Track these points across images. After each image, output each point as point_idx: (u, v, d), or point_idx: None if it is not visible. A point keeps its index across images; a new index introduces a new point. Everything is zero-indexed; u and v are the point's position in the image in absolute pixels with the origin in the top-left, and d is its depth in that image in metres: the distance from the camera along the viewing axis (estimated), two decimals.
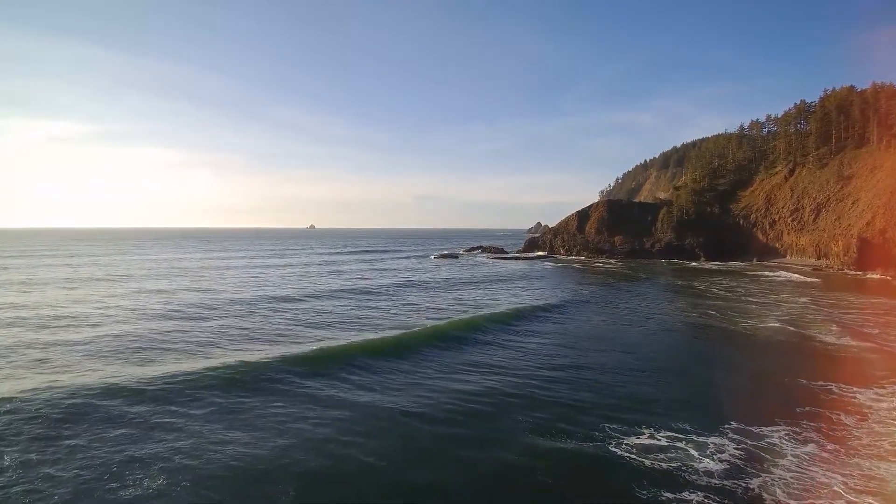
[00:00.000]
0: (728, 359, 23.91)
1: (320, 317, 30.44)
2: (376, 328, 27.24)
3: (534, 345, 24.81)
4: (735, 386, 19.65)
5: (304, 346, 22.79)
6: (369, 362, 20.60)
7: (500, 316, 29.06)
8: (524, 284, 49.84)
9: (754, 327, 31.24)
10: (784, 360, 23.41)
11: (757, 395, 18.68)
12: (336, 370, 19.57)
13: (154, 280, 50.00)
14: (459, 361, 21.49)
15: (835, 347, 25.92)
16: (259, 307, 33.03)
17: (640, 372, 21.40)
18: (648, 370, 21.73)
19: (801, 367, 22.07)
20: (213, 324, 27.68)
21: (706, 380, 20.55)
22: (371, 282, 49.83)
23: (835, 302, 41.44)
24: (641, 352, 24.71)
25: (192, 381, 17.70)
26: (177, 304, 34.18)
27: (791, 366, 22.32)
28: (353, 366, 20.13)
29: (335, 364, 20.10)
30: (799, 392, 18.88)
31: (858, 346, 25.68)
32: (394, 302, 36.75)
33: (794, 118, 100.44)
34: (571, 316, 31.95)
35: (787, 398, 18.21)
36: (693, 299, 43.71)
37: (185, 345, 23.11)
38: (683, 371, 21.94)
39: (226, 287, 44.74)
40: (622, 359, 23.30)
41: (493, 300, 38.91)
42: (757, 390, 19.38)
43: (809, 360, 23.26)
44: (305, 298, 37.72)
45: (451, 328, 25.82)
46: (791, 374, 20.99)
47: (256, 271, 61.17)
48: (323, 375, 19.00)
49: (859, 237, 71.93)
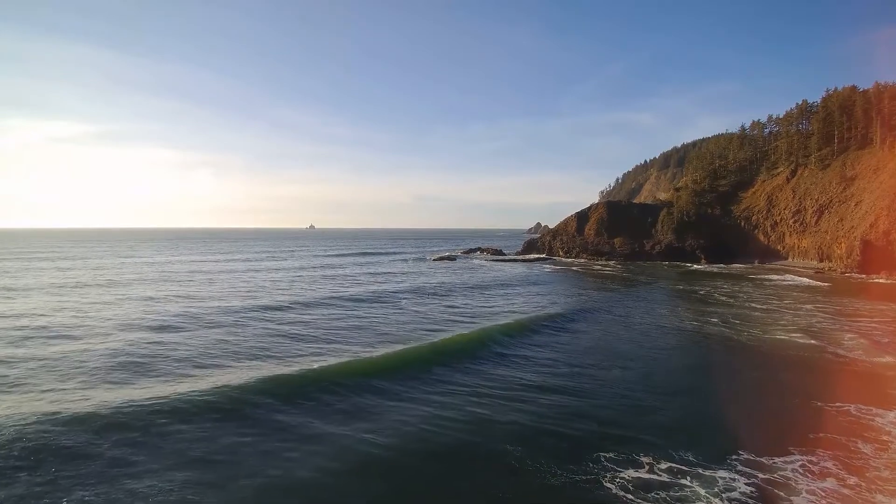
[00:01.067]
0: (732, 375, 22.67)
1: (307, 329, 29.16)
2: (364, 343, 25.87)
3: (526, 363, 23.41)
4: (742, 407, 18.42)
5: (287, 366, 21.39)
6: (352, 386, 19.24)
7: (493, 332, 27.31)
8: (521, 291, 48.58)
9: (759, 338, 30.04)
10: (794, 377, 22.19)
11: (766, 419, 17.47)
12: (318, 395, 18.19)
13: (141, 286, 48.70)
14: (447, 383, 20.09)
15: (848, 361, 24.66)
16: (244, 318, 31.71)
17: (639, 391, 20.15)
18: (647, 389, 20.49)
19: (812, 384, 20.87)
20: (193, 338, 26.34)
21: (710, 400, 19.34)
22: (364, 288, 48.54)
23: (841, 308, 40.28)
24: (640, 368, 23.43)
25: (160, 409, 16.41)
26: (159, 314, 32.87)
27: (802, 383, 21.11)
28: (334, 391, 18.66)
29: (317, 388, 18.67)
30: (812, 414, 17.67)
31: (873, 362, 24.43)
32: (386, 311, 35.46)
33: (795, 118, 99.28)
34: (567, 328, 30.59)
35: (799, 422, 17.01)
36: (694, 306, 42.53)
37: (161, 363, 21.72)
38: (685, 390, 20.71)
39: (213, 294, 43.45)
40: (619, 376, 22.00)
41: (488, 309, 37.62)
42: (766, 412, 18.15)
43: (822, 377, 22.00)
44: (294, 307, 36.41)
45: (440, 348, 24.12)
46: (802, 392, 19.80)
47: (248, 276, 59.83)
48: (304, 402, 17.60)
49: (862, 239, 70.83)
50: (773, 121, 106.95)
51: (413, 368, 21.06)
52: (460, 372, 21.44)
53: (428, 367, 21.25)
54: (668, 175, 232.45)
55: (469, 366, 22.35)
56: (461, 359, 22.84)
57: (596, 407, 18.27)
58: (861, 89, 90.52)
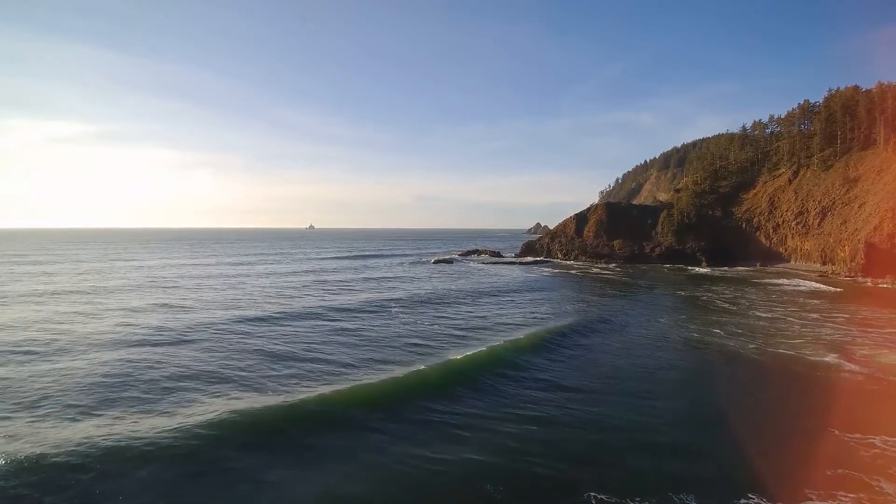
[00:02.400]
0: (739, 397, 21.03)
1: (290, 345, 27.42)
2: (348, 365, 23.86)
3: (515, 392, 21.18)
4: (751, 437, 16.81)
5: (260, 394, 19.58)
6: (331, 422, 17.38)
7: (484, 359, 24.56)
8: (517, 299, 46.85)
9: (763, 351, 28.55)
10: (806, 399, 20.63)
11: (779, 452, 15.91)
12: (292, 435, 16.38)
13: (123, 294, 47.00)
14: (431, 419, 18.12)
15: (863, 380, 23.04)
16: (224, 333, 30.01)
17: (638, 421, 18.49)
18: (646, 416, 18.86)
19: (826, 408, 19.29)
20: (165, 358, 24.51)
21: (714, 429, 17.77)
22: (356, 296, 46.85)
23: (849, 317, 38.80)
24: (638, 392, 21.62)
25: (111, 451, 14.73)
26: (137, 328, 31.20)
27: (815, 407, 19.52)
28: (309, 429, 16.70)
29: (291, 426, 16.79)
30: (830, 447, 16.14)
31: (891, 381, 22.92)
32: (375, 325, 33.69)
33: (797, 118, 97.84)
34: (561, 346, 28.55)
35: (816, 456, 15.48)
36: (695, 314, 41.04)
37: (124, 392, 19.87)
38: (687, 417, 19.13)
39: (197, 303, 41.78)
40: (616, 402, 20.27)
41: (483, 321, 35.85)
42: (778, 444, 16.56)
43: (835, 399, 20.40)
44: (279, 319, 34.75)
45: (426, 378, 21.42)
46: (817, 418, 18.26)
47: (237, 281, 58.20)
48: (275, 443, 15.80)
49: (866, 242, 69.37)
50: (775, 121, 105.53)
51: (393, 403, 18.94)
52: (447, 405, 19.21)
53: (408, 402, 18.99)
54: (668, 175, 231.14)
55: (457, 396, 20.14)
56: (449, 391, 20.24)
57: (587, 441, 16.69)
58: (864, 89, 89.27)
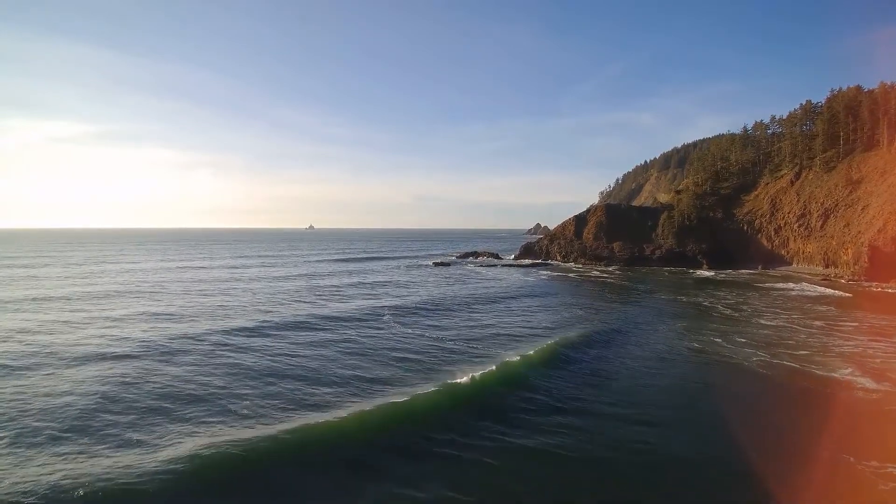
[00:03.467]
0: (744, 421, 19.52)
1: (273, 361, 25.88)
2: (332, 390, 21.81)
3: (524, 420, 19.29)
4: (759, 470, 15.54)
5: (231, 427, 17.78)
6: (314, 466, 15.51)
7: (473, 390, 21.64)
8: (514, 307, 45.22)
9: (768, 364, 27.39)
10: (815, 420, 19.38)
11: (787, 484, 14.69)
12: (274, 478, 14.85)
13: (110, 301, 45.58)
14: (436, 452, 16.55)
15: (879, 398, 21.72)
16: (207, 347, 28.42)
17: (643, 449, 17.25)
18: (650, 444, 17.63)
19: (839, 431, 18.12)
20: (141, 378, 22.57)
21: (721, 459, 16.56)
22: (348, 304, 45.37)
23: (857, 325, 37.67)
24: (641, 417, 20.14)
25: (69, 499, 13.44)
26: (116, 341, 29.71)
27: (826, 430, 18.27)
28: (284, 481, 14.78)
29: (268, 470, 15.04)
30: (845, 478, 14.97)
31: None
32: (365, 337, 31.96)
33: (799, 119, 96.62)
34: (559, 365, 26.14)
35: (831, 488, 14.34)
36: (697, 322, 39.84)
37: (91, 419, 18.24)
38: (687, 443, 17.85)
39: (184, 311, 40.45)
40: (615, 428, 18.89)
41: (478, 332, 34.28)
42: (788, 476, 15.24)
43: (848, 421, 19.18)
44: (266, 330, 33.32)
45: (427, 403, 19.71)
46: (828, 443, 17.08)
47: (228, 286, 56.90)
48: (247, 489, 14.33)
49: (870, 245, 68.26)
50: (777, 121, 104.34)
51: (396, 433, 17.46)
52: (428, 449, 16.93)
53: (412, 430, 17.49)
54: (668, 176, 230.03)
55: (439, 440, 17.58)
56: (431, 430, 18.00)
57: (578, 477, 15.49)
58: (866, 89, 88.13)
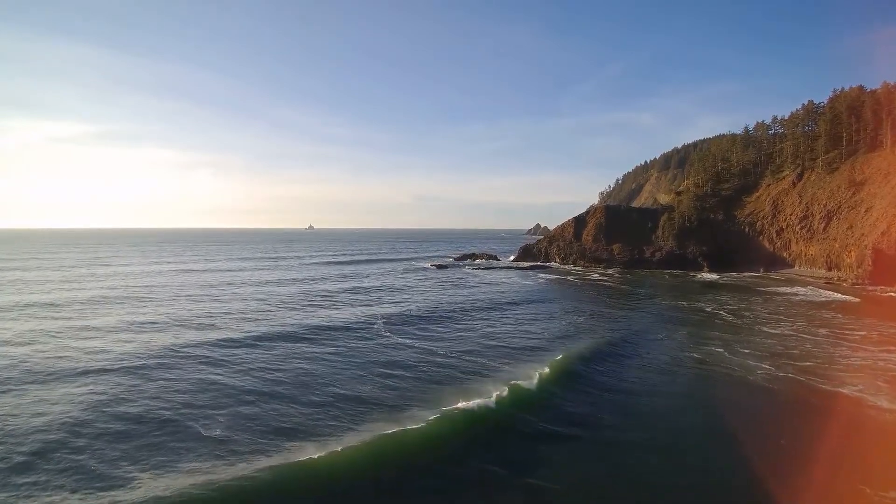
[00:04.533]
0: (751, 445, 18.10)
1: (252, 380, 24.15)
2: (317, 417, 19.85)
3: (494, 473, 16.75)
4: (764, 498, 14.38)
5: (214, 463, 16.00)
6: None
7: (478, 418, 19.61)
8: (512, 314, 43.52)
9: (773, 378, 26.22)
10: (826, 443, 18.11)
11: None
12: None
13: (95, 308, 43.65)
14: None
15: (893, 419, 20.43)
16: (188, 362, 27.05)
17: (652, 478, 16.12)
18: (650, 472, 16.50)
19: (852, 456, 16.94)
20: (117, 395, 21.32)
21: (730, 489, 15.37)
22: (339, 311, 43.61)
23: (865, 333, 36.44)
24: (642, 435, 19.28)
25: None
26: (94, 354, 28.12)
27: (838, 455, 17.05)
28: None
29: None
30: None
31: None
32: (349, 350, 30.42)
33: (801, 119, 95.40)
34: (564, 382, 24.63)
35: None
36: (699, 331, 38.62)
37: (51, 454, 16.56)
38: (697, 470, 16.71)
39: (168, 319, 38.76)
40: (616, 455, 17.80)
41: (474, 348, 31.92)
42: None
43: (861, 444, 17.95)
44: (249, 342, 31.69)
45: (423, 437, 17.76)
46: (841, 470, 15.89)
47: (218, 291, 55.47)
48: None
49: (874, 248, 67.05)
50: (778, 122, 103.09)
51: (390, 475, 15.61)
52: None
53: (411, 469, 15.84)
54: (668, 176, 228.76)
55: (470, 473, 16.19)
56: (455, 456, 16.66)
57: None
58: (869, 89, 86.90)
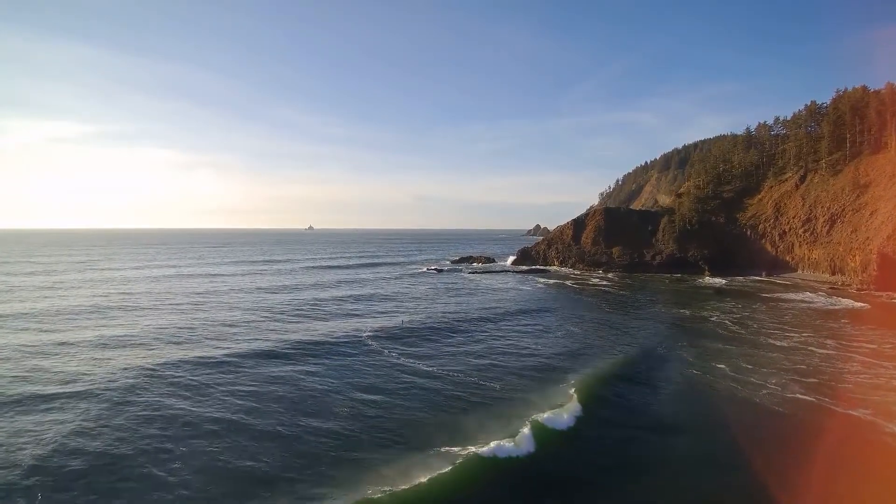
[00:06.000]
0: (761, 479, 16.65)
1: (219, 408, 22.31)
2: (269, 470, 17.30)
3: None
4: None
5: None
6: None
7: (480, 476, 16.87)
8: (507, 328, 41.38)
9: (780, 399, 24.66)
10: (842, 478, 16.53)
11: None
12: None
13: (70, 322, 41.58)
14: None
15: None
16: (153, 386, 25.11)
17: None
18: None
19: (871, 494, 15.21)
20: (67, 432, 19.44)
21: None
22: (324, 325, 40.98)
23: (876, 347, 34.75)
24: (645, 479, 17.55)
25: None
26: (55, 377, 26.26)
27: (858, 492, 15.42)
28: None
29: None
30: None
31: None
32: (333, 371, 28.20)
33: (804, 120, 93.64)
34: (571, 418, 22.28)
35: None
36: (702, 343, 36.97)
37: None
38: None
39: (142, 334, 37.03)
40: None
41: (472, 368, 29.47)
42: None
43: (881, 481, 16.32)
44: (222, 362, 29.46)
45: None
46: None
47: (202, 300, 53.58)
48: None
49: (879, 252, 65.33)
50: (780, 123, 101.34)
51: None
52: None
53: None
54: (668, 177, 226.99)
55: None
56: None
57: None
58: (872, 89, 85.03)
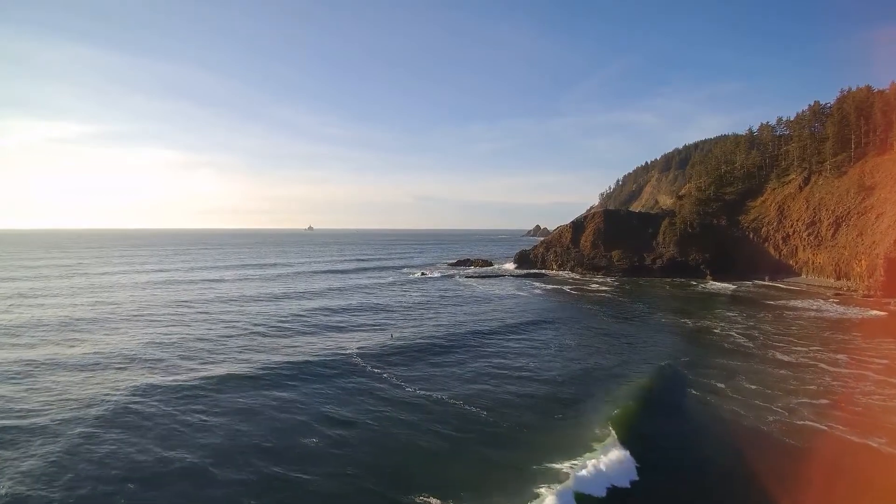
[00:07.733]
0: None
1: (174, 445, 20.10)
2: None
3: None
4: None
5: None
6: None
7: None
8: (501, 345, 38.62)
9: (789, 427, 22.83)
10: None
11: None
12: None
13: (42, 335, 39.49)
14: None
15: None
16: (104, 417, 22.87)
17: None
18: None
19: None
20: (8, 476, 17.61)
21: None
22: (310, 342, 38.07)
23: (888, 363, 32.94)
24: None
25: None
26: (8, 405, 24.40)
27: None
28: None
29: None
30: None
31: None
32: (312, 400, 25.45)
33: (808, 121, 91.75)
34: (606, 478, 19.85)
35: None
36: (705, 358, 35.15)
37: None
38: None
39: (112, 351, 34.80)
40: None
41: (469, 399, 26.36)
42: None
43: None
44: (190, 387, 26.94)
45: None
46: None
47: (183, 310, 51.37)
48: None
49: (886, 257, 63.43)
50: (783, 123, 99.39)
51: None
52: None
53: None
54: (669, 177, 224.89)
55: None
56: None
57: None
58: (877, 89, 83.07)
